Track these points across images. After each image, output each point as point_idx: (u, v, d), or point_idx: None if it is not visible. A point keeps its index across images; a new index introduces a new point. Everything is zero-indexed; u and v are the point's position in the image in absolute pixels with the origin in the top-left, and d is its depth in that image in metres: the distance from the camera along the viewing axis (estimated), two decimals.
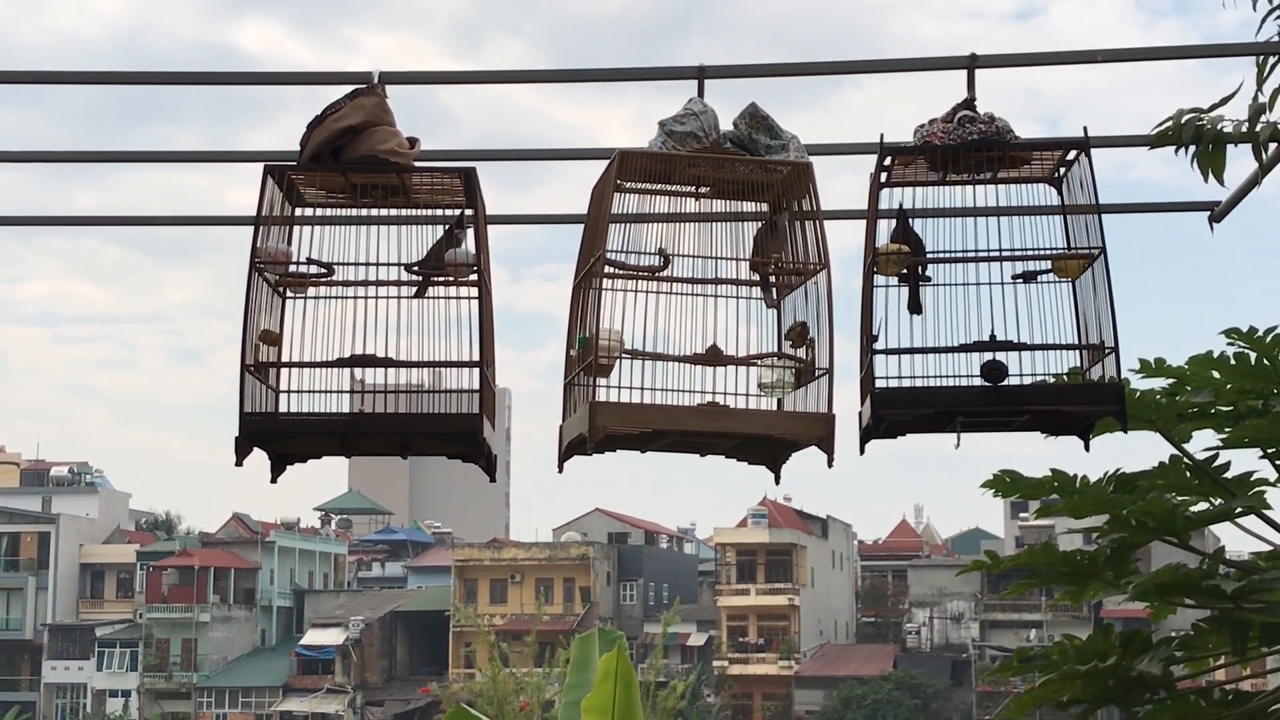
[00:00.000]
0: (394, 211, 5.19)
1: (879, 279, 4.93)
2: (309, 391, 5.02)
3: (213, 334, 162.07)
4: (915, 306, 4.95)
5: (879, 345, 4.87)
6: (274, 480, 5.02)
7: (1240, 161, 5.45)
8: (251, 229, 5.01)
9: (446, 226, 5.10)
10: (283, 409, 5.03)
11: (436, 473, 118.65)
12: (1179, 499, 5.98)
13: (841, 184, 6.55)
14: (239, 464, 4.89)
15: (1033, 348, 4.88)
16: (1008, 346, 4.85)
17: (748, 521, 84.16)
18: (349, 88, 5.19)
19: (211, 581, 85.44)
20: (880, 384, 4.84)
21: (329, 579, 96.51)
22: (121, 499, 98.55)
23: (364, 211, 5.16)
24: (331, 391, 5.02)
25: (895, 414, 4.83)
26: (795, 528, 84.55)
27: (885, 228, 5.03)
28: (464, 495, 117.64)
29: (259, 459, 4.97)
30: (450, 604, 74.79)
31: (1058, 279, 4.98)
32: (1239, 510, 5.80)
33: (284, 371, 5.05)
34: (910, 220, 5.04)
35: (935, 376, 4.90)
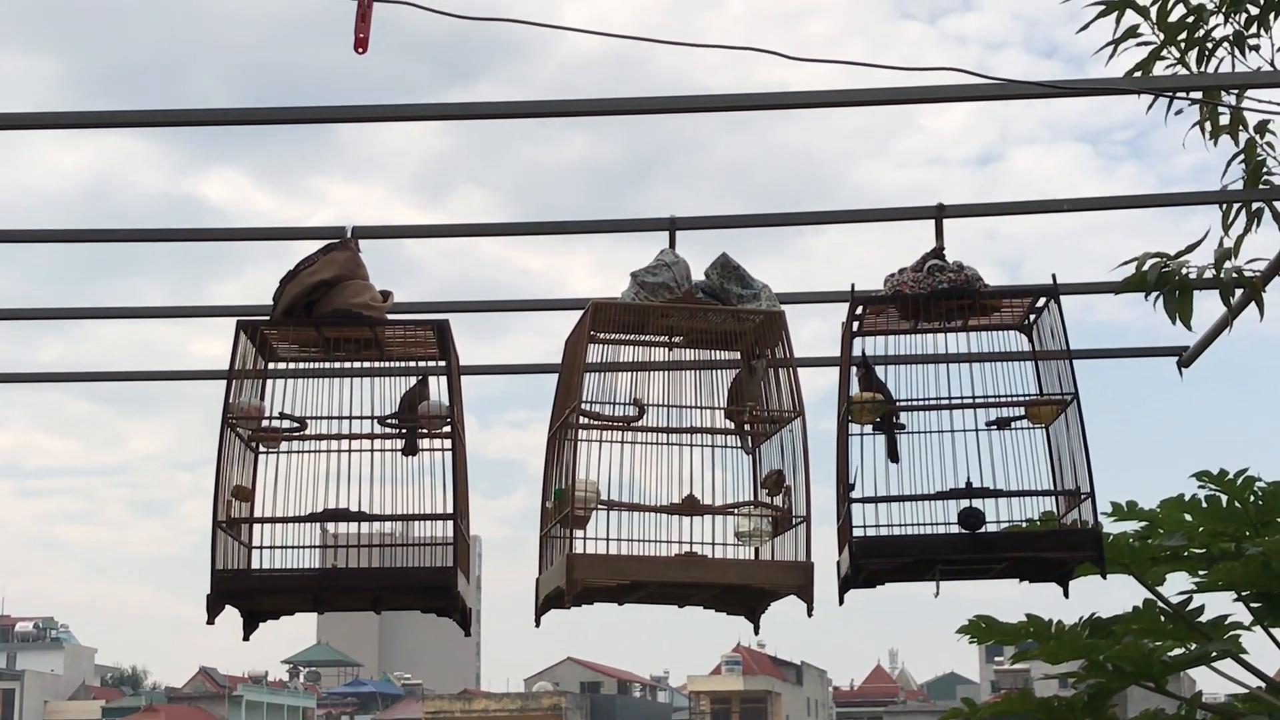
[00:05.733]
0: (367, 364, 5.19)
1: (853, 427, 4.93)
2: (281, 547, 4.98)
3: (177, 486, 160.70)
4: (894, 455, 4.95)
5: (855, 494, 4.86)
6: (246, 638, 4.97)
7: (1206, 304, 5.52)
8: (220, 382, 5.01)
9: (417, 380, 5.11)
10: (255, 565, 4.99)
11: (406, 623, 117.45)
12: (1154, 643, 5.96)
13: (809, 329, 6.59)
14: (210, 622, 4.84)
15: (1008, 494, 4.87)
16: (983, 493, 4.85)
17: (721, 669, 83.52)
18: (320, 242, 5.21)
19: None
20: (858, 533, 4.83)
21: None
22: (87, 654, 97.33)
23: (337, 365, 5.16)
24: (304, 546, 4.98)
25: (874, 563, 4.80)
26: (769, 674, 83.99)
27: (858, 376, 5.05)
28: (434, 645, 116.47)
29: (229, 614, 4.92)
30: None
31: (1031, 425, 5.00)
32: (1215, 654, 5.79)
33: (255, 527, 5.02)
34: (870, 368, 5.06)
35: (912, 525, 4.89)
